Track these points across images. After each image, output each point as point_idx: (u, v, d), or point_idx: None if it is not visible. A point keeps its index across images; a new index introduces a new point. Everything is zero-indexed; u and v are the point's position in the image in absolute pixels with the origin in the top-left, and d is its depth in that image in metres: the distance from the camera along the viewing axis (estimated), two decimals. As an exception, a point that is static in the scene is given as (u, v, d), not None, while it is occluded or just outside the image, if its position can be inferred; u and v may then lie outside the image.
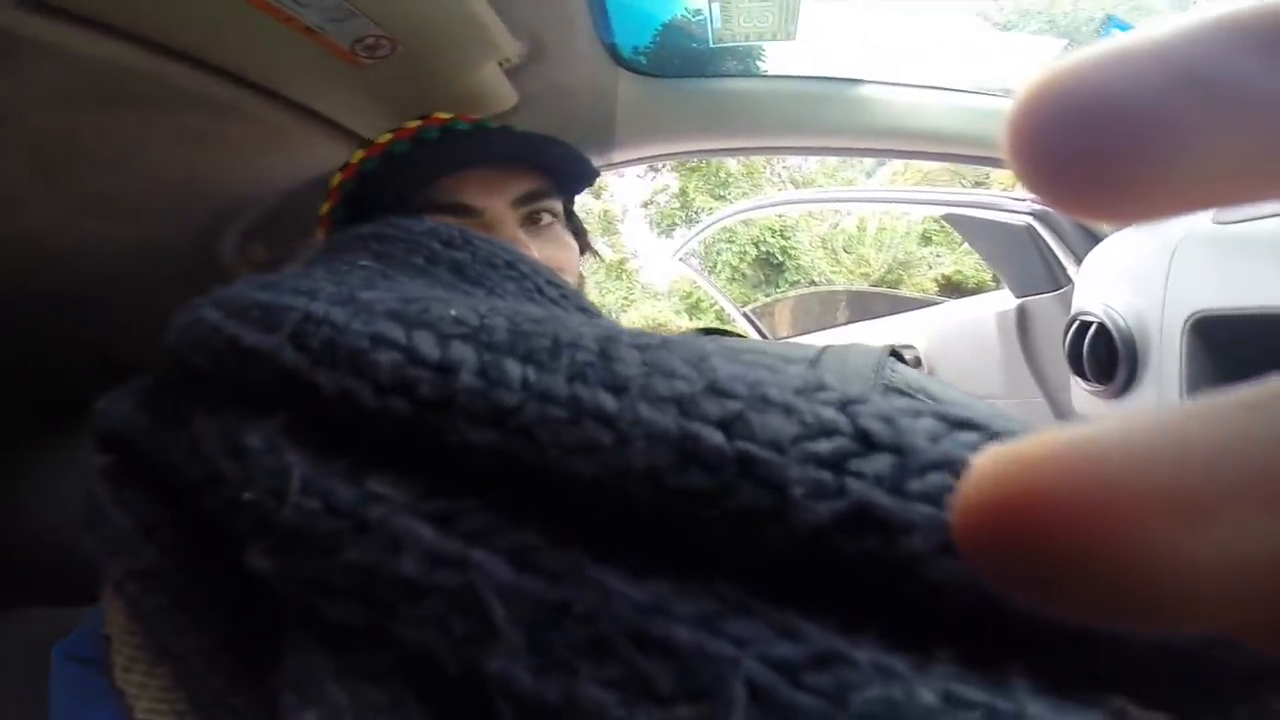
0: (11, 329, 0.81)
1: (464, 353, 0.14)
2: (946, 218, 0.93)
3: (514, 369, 0.14)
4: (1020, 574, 0.06)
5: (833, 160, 6.12)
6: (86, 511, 0.21)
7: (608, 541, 0.12)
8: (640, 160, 0.74)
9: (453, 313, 0.15)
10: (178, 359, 0.19)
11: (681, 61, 0.71)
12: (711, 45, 0.62)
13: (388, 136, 0.49)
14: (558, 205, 0.50)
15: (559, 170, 0.49)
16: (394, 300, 0.16)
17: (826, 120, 0.70)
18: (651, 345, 0.14)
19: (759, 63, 0.75)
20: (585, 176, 0.51)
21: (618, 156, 0.73)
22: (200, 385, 0.18)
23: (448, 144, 0.48)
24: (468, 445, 0.13)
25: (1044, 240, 0.79)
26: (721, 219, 2.11)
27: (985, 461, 0.07)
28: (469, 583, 0.12)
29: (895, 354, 0.33)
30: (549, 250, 0.47)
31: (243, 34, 0.45)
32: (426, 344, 0.14)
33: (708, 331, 0.46)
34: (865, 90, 0.70)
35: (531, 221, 0.48)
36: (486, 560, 0.12)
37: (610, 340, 0.14)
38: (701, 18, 0.64)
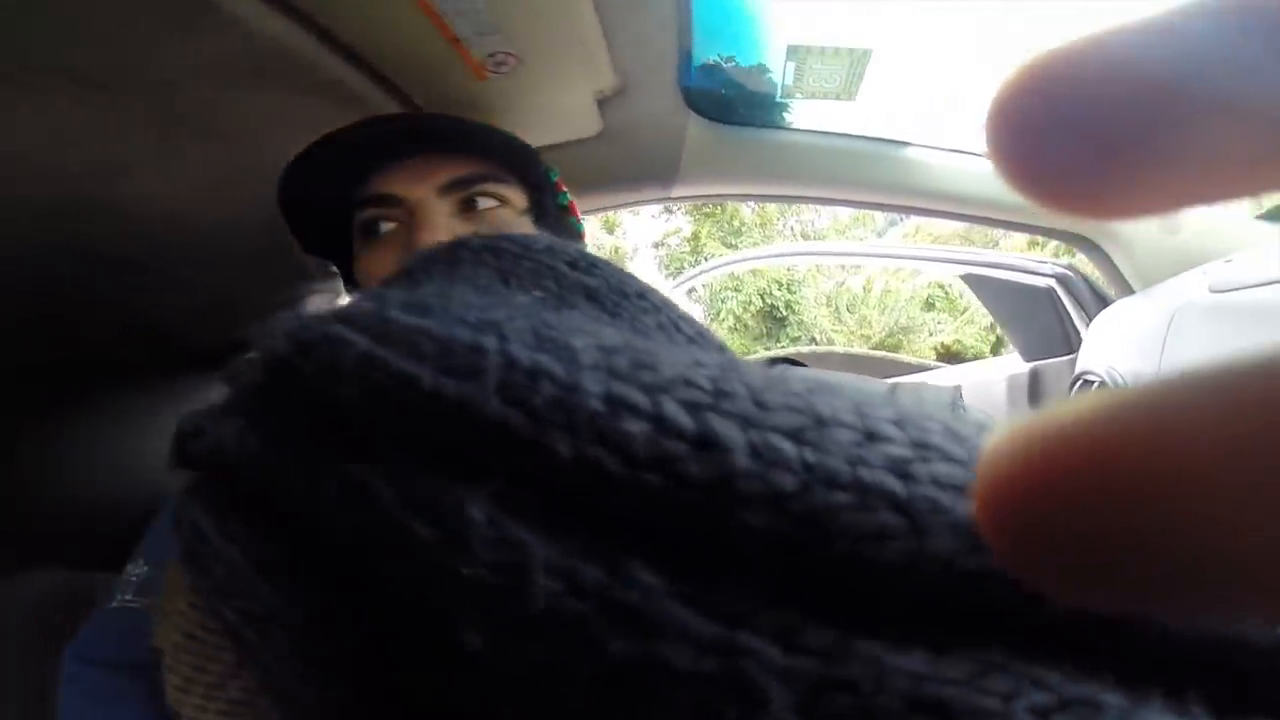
0: (71, 288, 0.84)
1: (727, 429, 0.13)
2: (966, 277, 0.99)
3: (789, 449, 0.13)
4: (1064, 551, 0.06)
5: (844, 218, 6.29)
6: (184, 542, 0.19)
7: (863, 615, 0.12)
8: (698, 197, 0.81)
9: (681, 374, 0.14)
10: (294, 376, 0.17)
11: (713, 104, 0.76)
12: (778, 99, 0.70)
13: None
14: (506, 190, 0.47)
15: (499, 154, 0.47)
16: (595, 348, 0.15)
17: (871, 177, 0.78)
18: (906, 420, 0.14)
19: (785, 113, 0.80)
20: (523, 157, 0.49)
21: (677, 191, 0.80)
22: (337, 416, 0.16)
23: (363, 136, 0.48)
24: (741, 530, 0.12)
25: (1062, 304, 0.85)
26: (713, 268, 2.14)
27: (1016, 434, 0.06)
28: (739, 668, 0.11)
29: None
30: None
31: (398, 31, 0.50)
32: (677, 414, 0.13)
33: (776, 361, 0.50)
34: (907, 152, 0.78)
35: (467, 208, 0.46)
36: (756, 644, 0.11)
37: (866, 416, 0.13)
38: (721, 60, 0.70)
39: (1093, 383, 0.72)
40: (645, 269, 8.69)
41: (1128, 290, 0.75)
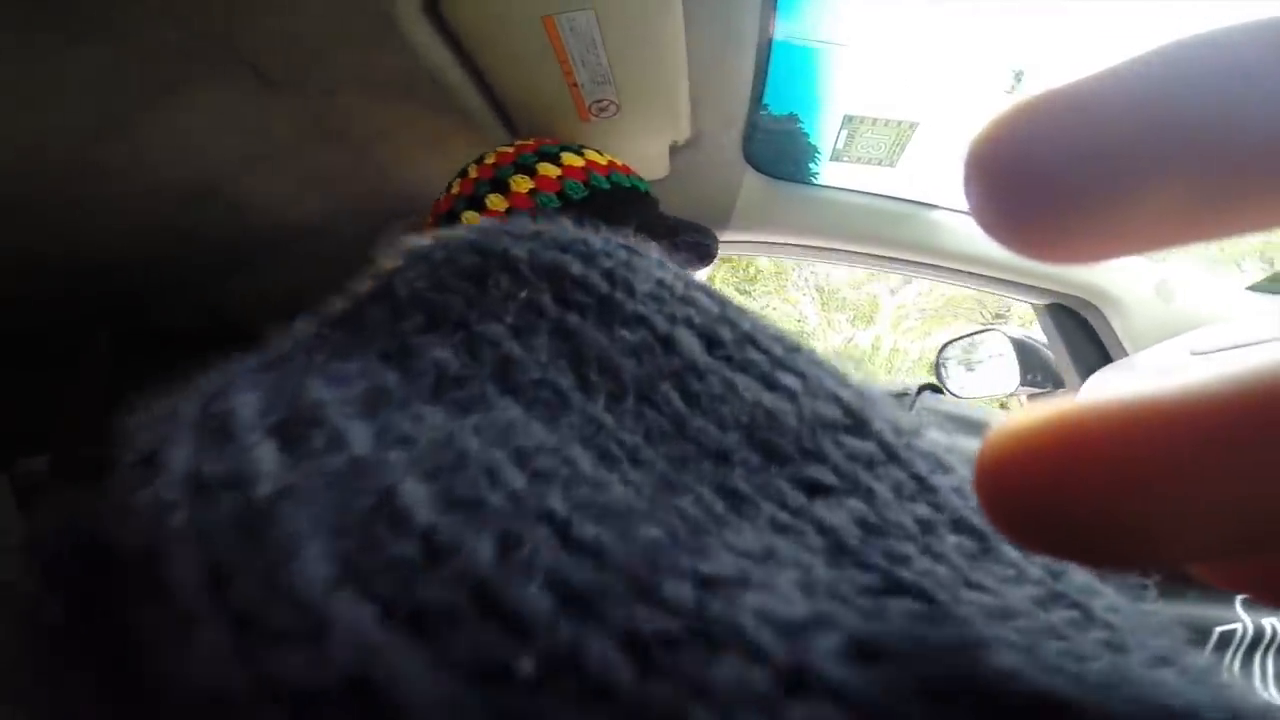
0: (164, 269, 0.90)
1: None
2: (1049, 306, 0.95)
3: None
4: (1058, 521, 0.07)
5: (861, 273, 6.37)
6: None
7: None
8: (744, 243, 0.89)
9: None
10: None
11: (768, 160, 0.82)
12: (827, 160, 0.79)
13: (555, 171, 0.54)
14: None
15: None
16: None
17: (901, 235, 0.86)
18: None
19: (811, 164, 0.86)
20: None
21: (727, 237, 0.88)
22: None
23: (639, 201, 0.57)
24: None
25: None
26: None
27: (1005, 431, 0.07)
28: None
29: None
30: None
31: (530, 71, 0.57)
32: None
33: (924, 388, 0.53)
34: (933, 214, 0.86)
35: None
36: None
37: None
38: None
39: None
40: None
41: (1123, 353, 0.83)
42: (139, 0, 0.48)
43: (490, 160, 0.57)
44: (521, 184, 0.54)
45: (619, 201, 0.55)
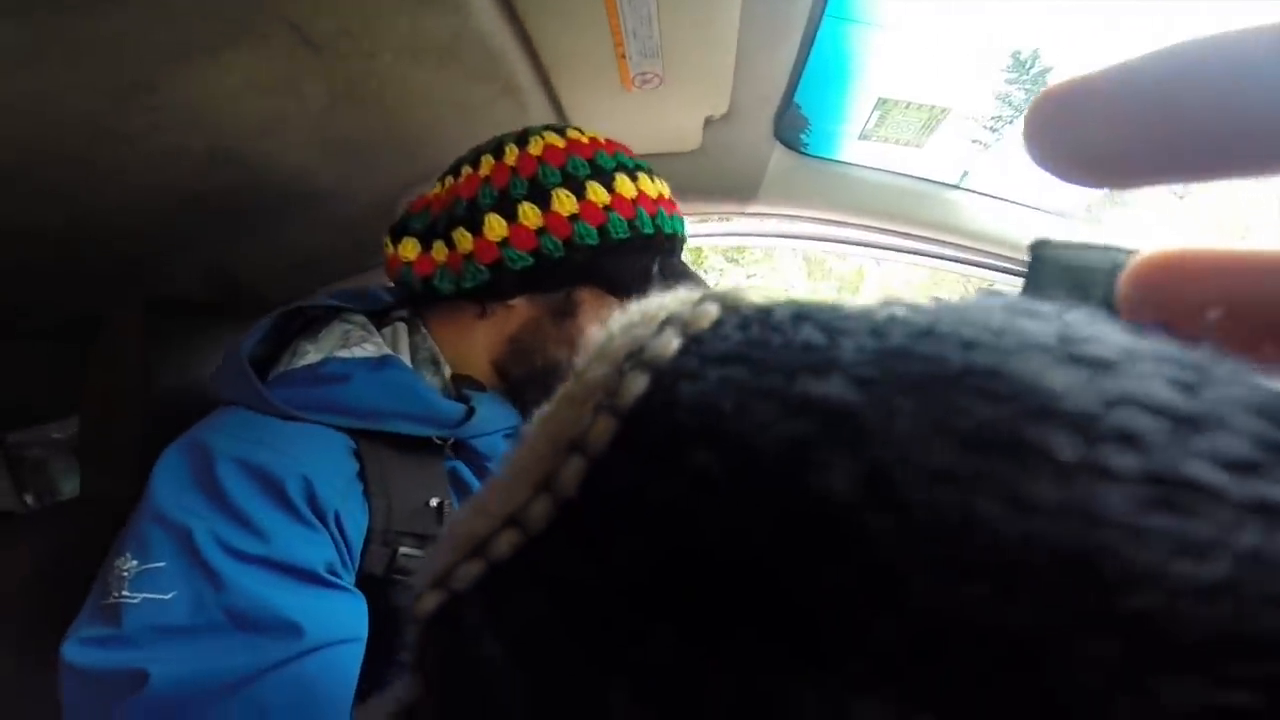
0: (177, 233, 0.87)
1: None
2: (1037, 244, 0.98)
3: None
4: None
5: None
6: None
7: None
8: (771, 215, 0.90)
9: None
10: None
11: (796, 136, 0.83)
12: (854, 139, 0.80)
13: (630, 190, 0.53)
14: None
15: None
16: None
17: (925, 215, 0.86)
18: None
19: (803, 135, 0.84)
20: None
21: (753, 209, 0.88)
22: None
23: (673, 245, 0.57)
24: None
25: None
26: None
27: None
28: None
29: None
30: None
31: (581, 40, 0.56)
32: None
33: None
34: (955, 194, 0.87)
35: None
36: None
37: None
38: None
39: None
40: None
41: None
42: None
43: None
44: None
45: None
